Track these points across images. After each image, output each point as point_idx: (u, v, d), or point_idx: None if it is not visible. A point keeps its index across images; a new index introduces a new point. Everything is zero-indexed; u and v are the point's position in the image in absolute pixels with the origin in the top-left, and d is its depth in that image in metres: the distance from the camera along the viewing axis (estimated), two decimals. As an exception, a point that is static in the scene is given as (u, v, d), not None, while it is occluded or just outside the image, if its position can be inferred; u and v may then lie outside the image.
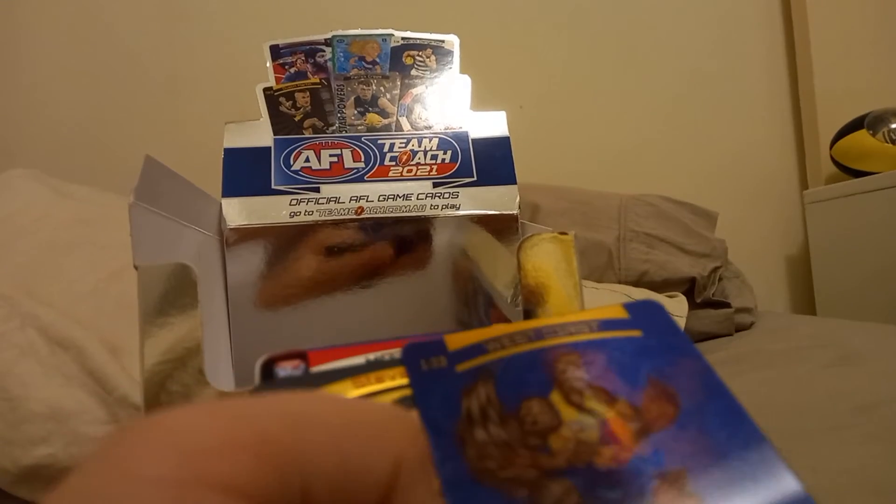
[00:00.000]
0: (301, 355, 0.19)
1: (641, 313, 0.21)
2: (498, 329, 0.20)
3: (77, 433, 0.52)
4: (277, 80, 0.48)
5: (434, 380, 0.18)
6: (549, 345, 0.20)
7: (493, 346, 0.20)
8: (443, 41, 0.50)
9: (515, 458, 0.17)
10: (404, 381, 0.18)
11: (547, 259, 0.38)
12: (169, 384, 0.36)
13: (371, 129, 0.47)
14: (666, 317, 0.21)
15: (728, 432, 0.17)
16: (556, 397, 0.18)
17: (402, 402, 0.18)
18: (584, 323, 0.21)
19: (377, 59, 0.49)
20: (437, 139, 0.47)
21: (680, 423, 0.18)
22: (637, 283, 1.06)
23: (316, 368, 0.19)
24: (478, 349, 0.19)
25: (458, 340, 0.20)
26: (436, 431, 0.17)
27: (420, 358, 0.19)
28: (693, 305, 1.05)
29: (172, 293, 0.35)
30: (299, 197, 0.44)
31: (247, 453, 0.12)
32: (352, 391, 0.18)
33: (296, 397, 0.15)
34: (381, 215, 0.44)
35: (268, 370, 0.19)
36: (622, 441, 0.17)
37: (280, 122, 0.47)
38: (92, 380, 0.54)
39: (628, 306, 0.21)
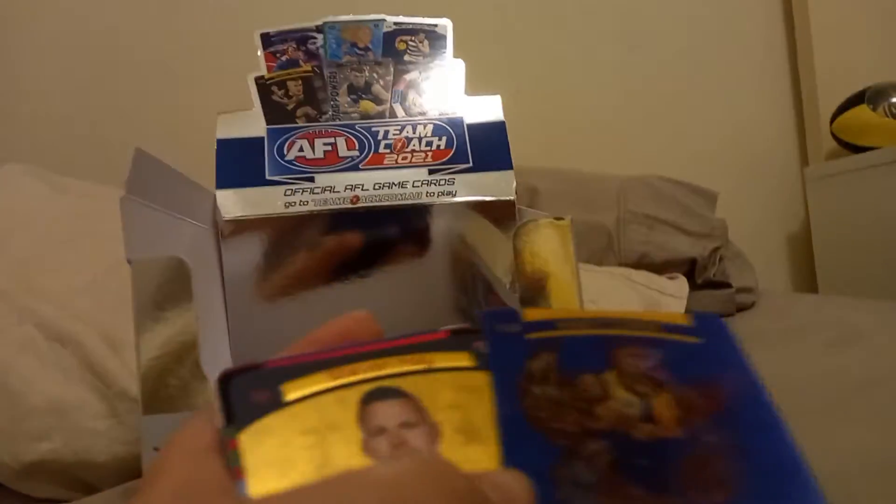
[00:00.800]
0: (257, 367, 0.19)
1: (704, 324, 0.23)
2: (571, 312, 0.23)
3: (78, 428, 0.52)
4: (269, 68, 0.47)
5: (506, 340, 0.21)
6: (613, 334, 0.22)
7: (562, 325, 0.22)
8: (436, 25, 0.50)
9: (564, 414, 0.19)
10: (375, 373, 0.20)
11: (544, 245, 0.38)
12: (167, 378, 0.36)
13: (365, 116, 0.47)
14: (725, 330, 0.23)
15: (762, 441, 0.19)
16: (610, 376, 0.21)
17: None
18: (651, 322, 0.23)
19: (369, 45, 0.49)
20: (431, 125, 0.46)
21: (718, 420, 0.20)
22: (637, 265, 1.06)
23: (278, 367, 0.19)
24: (549, 325, 0.22)
25: (532, 315, 0.22)
26: (501, 379, 0.20)
27: (496, 322, 0.22)
28: (694, 286, 1.04)
29: (167, 287, 0.35)
30: (294, 187, 0.43)
31: None
32: (328, 382, 0.19)
33: (364, 494, 0.14)
34: (377, 204, 0.43)
35: (226, 384, 0.19)
36: (662, 422, 0.19)
37: (273, 111, 0.46)
38: (91, 374, 0.54)
39: (694, 314, 0.23)
